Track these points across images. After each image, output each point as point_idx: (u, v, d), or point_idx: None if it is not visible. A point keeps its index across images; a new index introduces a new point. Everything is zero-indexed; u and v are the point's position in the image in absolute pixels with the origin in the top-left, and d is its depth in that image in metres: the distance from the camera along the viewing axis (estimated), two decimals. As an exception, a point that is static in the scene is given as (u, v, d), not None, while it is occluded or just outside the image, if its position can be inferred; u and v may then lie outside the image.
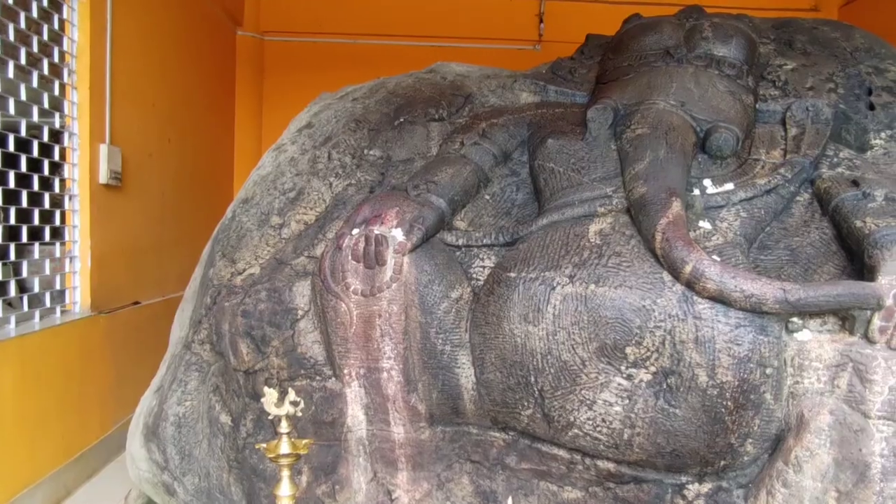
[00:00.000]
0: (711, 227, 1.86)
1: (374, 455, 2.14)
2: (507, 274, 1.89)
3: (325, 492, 2.17)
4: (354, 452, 2.15)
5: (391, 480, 2.16)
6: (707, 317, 1.66)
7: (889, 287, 1.57)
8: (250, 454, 2.23)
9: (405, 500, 2.17)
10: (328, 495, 2.17)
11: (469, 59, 3.27)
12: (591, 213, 1.95)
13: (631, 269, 1.76)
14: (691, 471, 1.82)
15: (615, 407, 1.77)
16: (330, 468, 2.17)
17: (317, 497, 2.17)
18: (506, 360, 1.86)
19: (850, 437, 1.61)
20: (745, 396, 1.66)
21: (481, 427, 2.05)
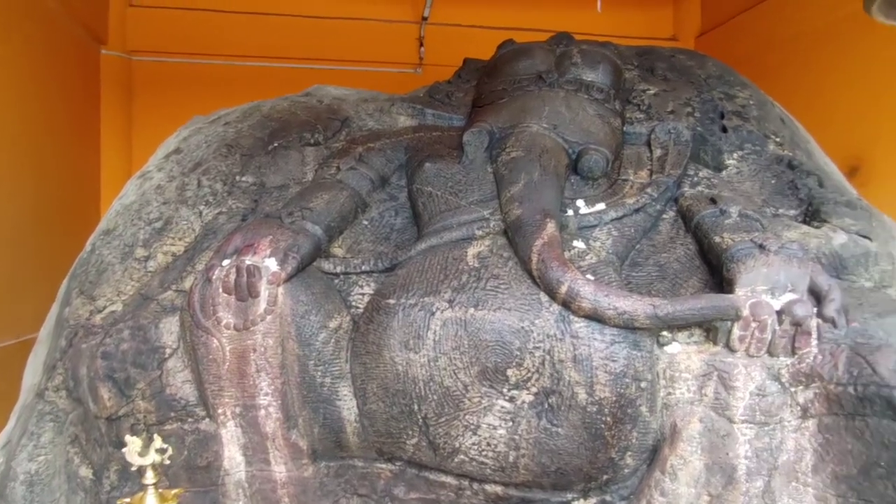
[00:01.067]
0: (585, 247, 1.91)
1: (255, 497, 2.02)
2: (387, 301, 1.85)
3: (203, 542, 2.02)
4: (233, 497, 2.02)
5: (274, 523, 2.05)
6: (583, 335, 1.69)
7: (745, 298, 1.67)
8: (116, 509, 2.05)
9: (291, 543, 2.06)
10: (206, 546, 2.02)
11: (349, 83, 3.23)
12: (470, 236, 1.95)
13: (509, 292, 1.77)
14: (576, 487, 1.83)
15: (499, 430, 1.76)
16: (207, 516, 2.02)
17: (193, 549, 2.01)
18: (388, 390, 1.81)
19: (718, 443, 1.68)
20: (623, 411, 1.70)
21: (367, 459, 1.98)
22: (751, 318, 1.65)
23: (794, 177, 2.32)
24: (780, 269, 1.71)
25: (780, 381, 1.66)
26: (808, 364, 1.62)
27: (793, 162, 2.39)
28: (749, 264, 1.73)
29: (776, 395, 1.66)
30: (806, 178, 2.32)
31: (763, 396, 1.66)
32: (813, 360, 1.62)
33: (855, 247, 2.03)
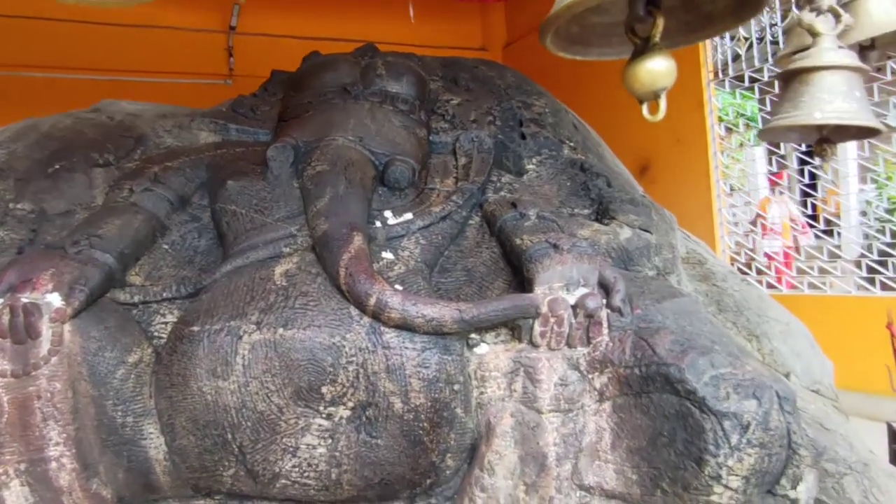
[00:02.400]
0: (394, 257, 1.94)
1: (56, 560, 1.82)
2: (190, 328, 1.74)
3: None
4: (28, 564, 1.80)
5: (81, 585, 1.85)
6: (395, 345, 1.71)
7: (543, 296, 1.77)
8: None
9: None
10: None
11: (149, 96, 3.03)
12: (277, 254, 1.90)
13: (319, 308, 1.74)
14: (402, 496, 1.85)
15: (319, 449, 1.73)
16: (-4, 591, 1.79)
17: None
18: (198, 422, 1.71)
19: (529, 434, 1.77)
20: (439, 415, 1.74)
21: (182, 498, 1.86)
22: (549, 314, 1.76)
23: (585, 178, 2.52)
24: (572, 266, 1.84)
25: (578, 369, 1.78)
26: (601, 351, 1.76)
27: (584, 165, 2.59)
28: (545, 263, 1.84)
29: (576, 383, 1.78)
30: (596, 179, 2.53)
31: (565, 386, 1.78)
32: (605, 348, 1.76)
33: (638, 240, 2.25)
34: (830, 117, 1.82)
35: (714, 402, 1.59)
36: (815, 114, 1.82)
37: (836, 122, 1.84)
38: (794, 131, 2.09)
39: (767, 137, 2.19)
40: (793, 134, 2.17)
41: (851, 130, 2.00)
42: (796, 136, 2.25)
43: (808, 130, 2.07)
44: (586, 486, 1.79)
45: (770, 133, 2.10)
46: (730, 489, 1.60)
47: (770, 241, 5.62)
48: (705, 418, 1.59)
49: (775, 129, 1.99)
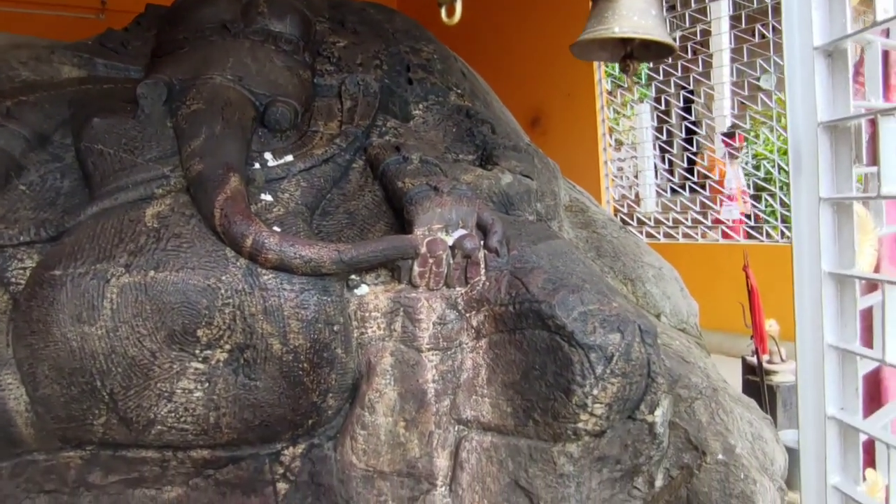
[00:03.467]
0: (273, 199, 1.90)
1: None
2: (52, 273, 1.65)
3: None
4: None
5: (-61, 545, 1.76)
6: (272, 287, 1.69)
7: (422, 237, 1.80)
8: None
9: (-36, 562, 1.79)
10: None
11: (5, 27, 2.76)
12: (148, 195, 1.82)
13: (192, 250, 1.69)
14: (284, 437, 1.86)
15: (196, 393, 1.70)
16: None
17: None
18: (63, 370, 1.64)
19: (409, 372, 1.82)
20: (319, 355, 1.75)
21: (49, 451, 1.79)
22: (428, 254, 1.80)
23: (471, 125, 2.55)
24: (451, 209, 1.88)
25: (456, 309, 1.84)
26: (478, 291, 1.82)
27: (470, 111, 2.62)
28: (425, 205, 1.87)
29: (454, 321, 1.84)
30: (481, 125, 2.56)
31: (444, 325, 1.83)
32: (482, 287, 1.82)
33: (519, 185, 2.31)
34: (626, 31, 2.03)
35: (581, 336, 1.69)
36: (614, 28, 2.01)
37: (631, 36, 2.08)
38: (604, 49, 2.30)
39: (579, 53, 2.36)
40: (603, 52, 2.38)
41: (653, 50, 2.22)
42: (606, 55, 2.45)
43: (615, 48, 2.30)
44: (464, 420, 1.86)
45: (580, 48, 2.28)
46: (595, 416, 1.72)
47: (727, 209, 5.32)
48: (573, 351, 1.69)
49: (583, 44, 2.19)
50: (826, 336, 0.85)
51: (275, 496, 1.92)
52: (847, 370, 0.87)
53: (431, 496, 1.89)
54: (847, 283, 0.82)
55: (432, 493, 1.89)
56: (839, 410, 0.88)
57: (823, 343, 0.86)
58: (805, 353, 0.89)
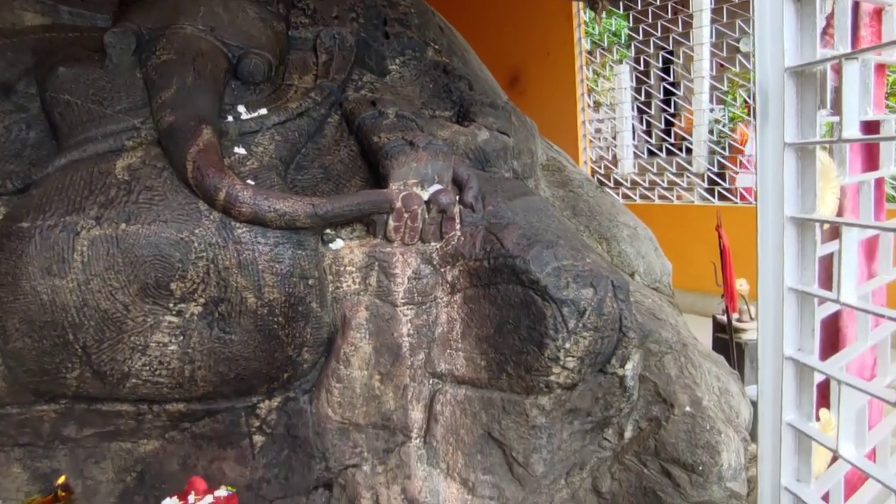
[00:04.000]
0: (246, 153, 1.88)
1: None
2: (19, 225, 1.62)
3: None
4: None
5: (-87, 497, 1.76)
6: (247, 240, 1.68)
7: (398, 192, 1.80)
8: None
9: (-61, 515, 1.79)
10: None
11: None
12: (119, 147, 1.78)
13: (165, 203, 1.67)
14: (259, 390, 1.87)
15: (170, 346, 1.70)
16: None
17: None
18: (34, 323, 1.63)
19: (384, 326, 1.83)
20: (294, 309, 1.75)
21: (22, 404, 1.78)
22: (403, 209, 1.79)
23: (448, 81, 2.52)
24: (427, 164, 1.87)
25: (432, 263, 1.85)
26: (453, 246, 1.83)
27: (448, 67, 2.59)
28: (401, 160, 1.86)
29: (429, 276, 1.85)
30: (458, 81, 2.54)
31: (419, 279, 1.84)
32: (457, 242, 1.83)
33: (496, 142, 2.30)
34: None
35: (555, 291, 1.71)
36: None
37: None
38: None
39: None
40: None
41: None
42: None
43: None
44: (438, 373, 1.89)
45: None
46: (566, 369, 1.75)
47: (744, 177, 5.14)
48: (546, 305, 1.72)
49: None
50: (786, 279, 0.88)
51: (251, 448, 1.94)
52: (805, 312, 0.90)
53: (406, 448, 1.92)
54: (808, 227, 0.84)
55: (407, 444, 1.92)
56: (796, 351, 0.91)
57: (783, 286, 0.88)
58: (766, 295, 0.91)
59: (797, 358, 0.93)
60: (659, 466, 1.93)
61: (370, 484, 1.92)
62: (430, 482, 1.91)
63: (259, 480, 1.96)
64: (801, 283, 0.88)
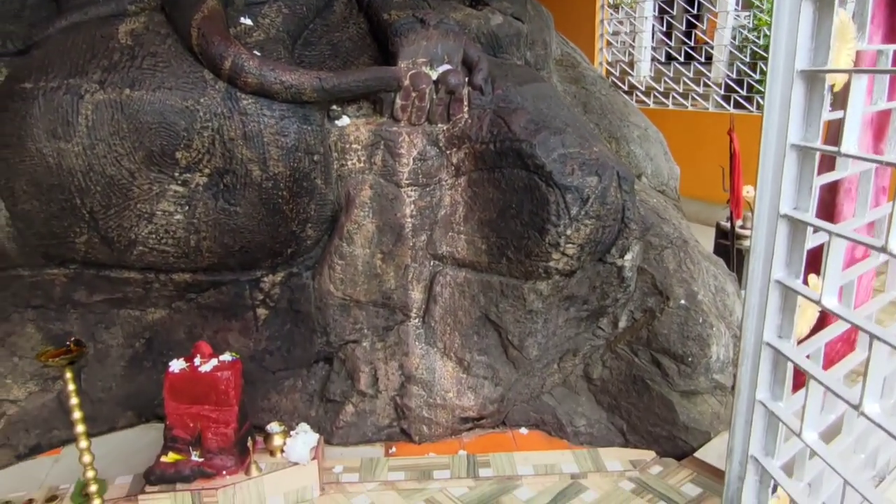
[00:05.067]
0: (253, 24, 1.83)
1: None
2: (22, 85, 1.61)
3: None
4: None
5: (-67, 351, 1.84)
6: (252, 112, 1.66)
7: (406, 69, 1.76)
8: None
9: (-42, 369, 1.88)
10: None
11: None
12: (121, 11, 1.74)
13: (169, 70, 1.65)
14: (263, 264, 1.90)
15: (176, 215, 1.72)
16: None
17: None
18: (41, 186, 1.64)
19: (388, 206, 1.85)
20: (298, 184, 1.76)
21: (33, 267, 1.82)
22: (411, 88, 1.76)
23: (462, -38, 2.41)
24: (437, 43, 1.82)
25: (438, 145, 1.83)
26: (460, 128, 1.81)
27: (462, -53, 2.47)
28: (410, 38, 1.81)
29: (435, 158, 1.84)
30: (473, -37, 2.43)
31: (424, 160, 1.84)
32: (464, 124, 1.81)
33: (509, 27, 2.23)
34: None
35: (559, 177, 1.71)
36: None
37: None
38: None
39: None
40: None
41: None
42: None
43: None
44: (439, 255, 1.92)
45: None
46: (566, 255, 1.78)
47: None
48: (550, 191, 1.72)
49: None
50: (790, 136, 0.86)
51: (255, 321, 2.00)
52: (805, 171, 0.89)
53: (405, 326, 1.98)
54: (817, 81, 0.82)
55: (406, 323, 1.98)
56: (792, 209, 0.91)
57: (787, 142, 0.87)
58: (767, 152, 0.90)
59: (793, 215, 0.93)
60: (650, 356, 1.99)
61: (369, 359, 1.99)
62: (426, 360, 1.98)
63: (262, 352, 2.04)
64: (804, 140, 0.87)
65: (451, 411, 1.99)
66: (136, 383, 2.06)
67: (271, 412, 2.02)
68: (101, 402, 2.03)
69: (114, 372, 2.04)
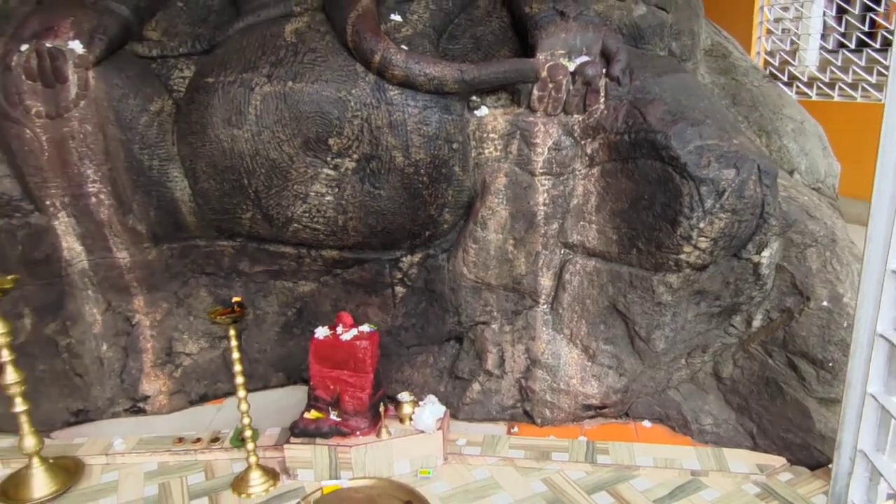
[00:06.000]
0: (402, 20, 1.96)
1: (104, 285, 2.10)
2: (206, 80, 1.84)
3: (56, 330, 2.10)
4: (80, 286, 2.08)
5: (127, 307, 2.15)
6: (398, 102, 1.79)
7: (544, 61, 1.81)
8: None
9: (146, 323, 2.19)
10: (60, 333, 2.11)
11: None
12: (288, 12, 1.94)
13: (326, 64, 1.81)
14: (403, 245, 2.04)
15: (327, 196, 1.90)
16: (55, 306, 2.09)
17: (46, 337, 2.09)
18: (217, 167, 1.87)
19: (521, 193, 1.91)
20: (438, 171, 1.87)
21: (208, 238, 2.08)
22: (548, 79, 1.81)
23: (608, -48, 2.41)
24: (576, 35, 1.86)
25: (573, 135, 1.87)
26: (596, 119, 1.84)
27: (609, -63, 2.46)
28: (549, 30, 1.86)
29: (569, 148, 1.88)
30: (619, -47, 2.41)
31: (559, 150, 1.88)
32: (599, 115, 1.83)
33: (652, 18, 2.21)
34: None
35: (694, 169, 1.68)
36: None
37: None
38: None
39: None
40: None
41: None
42: None
43: None
44: (570, 243, 1.96)
45: None
46: (698, 249, 1.75)
47: None
48: (684, 183, 1.70)
49: None
50: None
51: (393, 297, 2.15)
52: None
53: (533, 312, 2.04)
54: None
55: (535, 309, 2.04)
56: None
57: None
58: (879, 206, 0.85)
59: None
60: (785, 359, 1.91)
61: (497, 341, 2.08)
62: (552, 345, 2.03)
63: (398, 328, 2.19)
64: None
65: (574, 397, 2.03)
66: (286, 348, 2.28)
67: (404, 384, 2.17)
68: (257, 362, 2.28)
69: (268, 336, 2.28)
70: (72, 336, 2.12)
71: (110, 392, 2.16)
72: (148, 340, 2.19)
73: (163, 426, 2.14)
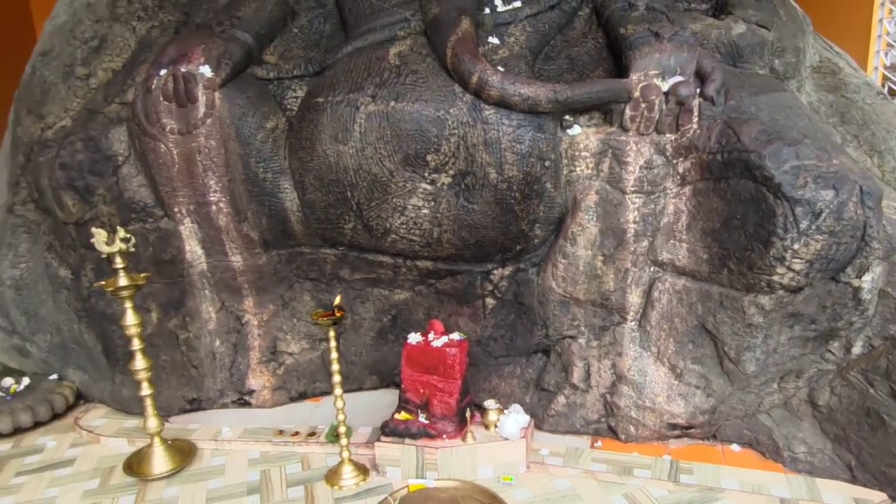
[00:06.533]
0: (499, 42, 2.05)
1: (219, 285, 2.30)
2: (316, 100, 2.00)
3: (177, 324, 2.32)
4: (199, 286, 2.29)
5: (238, 307, 2.35)
6: (493, 121, 1.88)
7: (637, 81, 1.85)
8: (96, 301, 2.31)
9: (255, 323, 2.37)
10: (180, 327, 2.32)
11: None
12: (392, 36, 2.07)
13: (426, 85, 1.93)
14: (494, 258, 2.12)
15: (423, 210, 2.01)
16: (178, 303, 2.31)
17: (169, 330, 2.32)
18: (323, 180, 2.02)
19: (612, 211, 1.95)
20: (530, 187, 1.94)
21: (313, 246, 2.24)
22: (641, 99, 1.85)
23: (708, -30, 2.41)
24: (671, 55, 1.88)
25: (664, 154, 1.89)
26: (688, 138, 1.85)
27: (709, -45, 2.45)
28: (644, 51, 1.89)
29: (661, 167, 1.90)
30: (720, -29, 2.40)
31: (650, 169, 1.90)
32: (692, 135, 1.84)
33: (752, 36, 2.18)
34: None
35: (789, 189, 1.66)
36: None
37: None
38: None
39: None
40: None
41: None
42: None
43: None
44: (660, 261, 1.97)
45: None
46: (792, 270, 1.72)
47: None
48: (778, 203, 1.68)
49: None
50: None
51: (483, 309, 2.23)
52: None
53: (621, 328, 2.06)
54: None
55: (622, 325, 2.06)
56: None
57: None
58: None
59: None
60: (888, 389, 1.83)
61: (584, 355, 2.11)
62: (639, 362, 2.04)
63: (487, 338, 2.26)
64: None
65: (659, 415, 2.02)
66: (381, 352, 2.41)
67: (490, 392, 2.23)
68: (353, 365, 2.42)
69: (364, 341, 2.41)
70: (190, 331, 2.33)
71: (221, 384, 2.36)
72: (255, 339, 2.37)
73: (265, 419, 2.31)
